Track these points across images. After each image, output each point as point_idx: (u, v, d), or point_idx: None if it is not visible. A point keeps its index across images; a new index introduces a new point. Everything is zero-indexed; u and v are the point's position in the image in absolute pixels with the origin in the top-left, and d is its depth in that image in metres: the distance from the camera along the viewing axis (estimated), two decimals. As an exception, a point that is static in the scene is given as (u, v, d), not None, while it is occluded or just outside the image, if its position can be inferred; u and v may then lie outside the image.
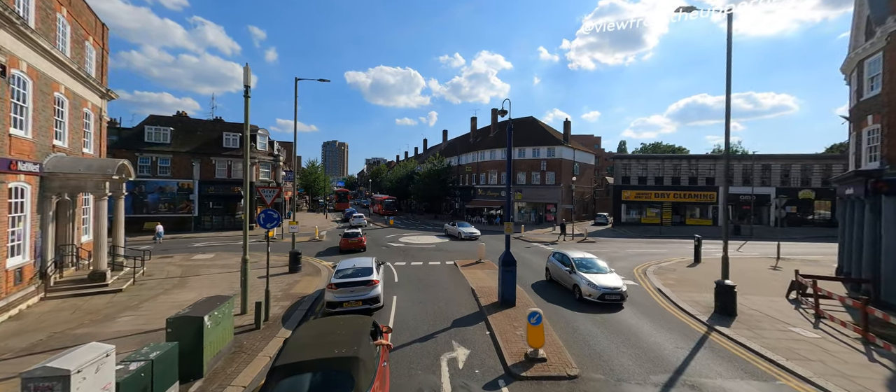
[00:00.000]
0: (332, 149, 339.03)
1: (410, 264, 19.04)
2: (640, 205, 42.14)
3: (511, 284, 11.42)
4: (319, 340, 5.34)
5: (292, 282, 15.17)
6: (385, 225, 41.89)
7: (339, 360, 4.82)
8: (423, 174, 53.10)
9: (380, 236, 31.03)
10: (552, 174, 44.70)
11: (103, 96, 17.45)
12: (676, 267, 19.00)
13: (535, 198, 45.37)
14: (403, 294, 13.42)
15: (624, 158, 43.19)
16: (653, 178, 41.89)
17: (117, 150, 32.04)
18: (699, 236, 20.86)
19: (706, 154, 45.82)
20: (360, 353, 4.94)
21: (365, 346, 5.21)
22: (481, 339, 9.28)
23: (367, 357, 5.06)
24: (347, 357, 4.85)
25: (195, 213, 33.94)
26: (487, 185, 49.49)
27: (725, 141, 11.75)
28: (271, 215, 10.46)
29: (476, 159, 52.24)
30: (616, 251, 24.52)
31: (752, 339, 9.37)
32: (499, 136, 51.82)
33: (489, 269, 17.66)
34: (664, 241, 30.84)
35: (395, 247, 25.33)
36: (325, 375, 4.77)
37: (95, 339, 6.44)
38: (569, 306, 12.02)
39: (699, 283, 15.38)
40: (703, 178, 41.02)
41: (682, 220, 41.36)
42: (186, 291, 13.49)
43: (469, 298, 12.92)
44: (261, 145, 37.76)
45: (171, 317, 7.20)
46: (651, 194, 41.61)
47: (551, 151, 44.91)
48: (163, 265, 18.29)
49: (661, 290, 14.45)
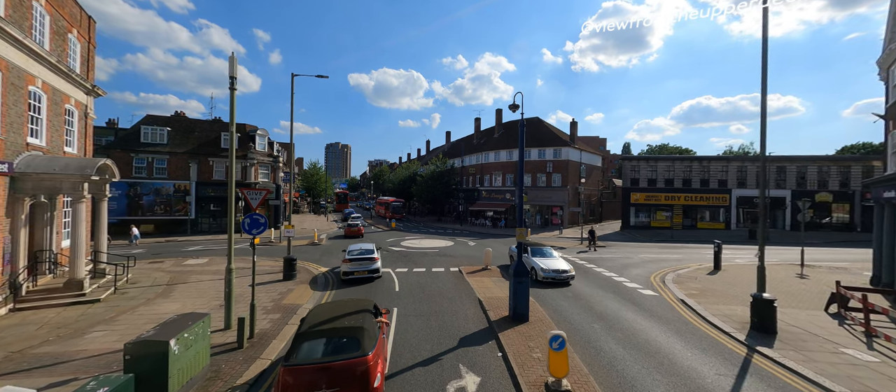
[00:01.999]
0: (335, 150, 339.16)
1: (412, 271, 17.93)
2: (649, 208, 40.84)
3: (524, 298, 10.28)
4: (332, 316, 6.77)
5: (285, 290, 14.10)
6: (386, 227, 40.83)
7: (348, 330, 6.27)
8: (425, 176, 52.02)
9: (381, 240, 29.96)
10: (558, 176, 43.50)
11: (89, 93, 16.51)
12: (696, 275, 17.78)
13: (540, 200, 44.17)
14: (405, 305, 12.32)
15: (632, 160, 41.93)
16: (662, 180, 40.60)
17: (113, 151, 31.24)
18: (719, 242, 19.63)
19: (718, 155, 44.51)
20: (364, 325, 6.39)
21: (368, 321, 6.63)
22: (493, 363, 8.15)
23: (370, 328, 6.46)
24: (354, 327, 6.31)
25: (192, 216, 33.02)
26: (492, 187, 48.34)
27: (761, 140, 10.57)
28: (257, 221, 9.39)
29: (480, 161, 51.13)
30: (629, 257, 23.31)
31: (802, 363, 8.20)
32: (503, 137, 50.69)
33: (496, 277, 16.53)
34: (677, 245, 29.57)
35: (396, 251, 24.24)
36: (337, 341, 6.15)
37: (57, 358, 5.43)
38: (578, 320, 10.85)
39: (726, 294, 14.18)
40: (714, 180, 39.69)
41: (693, 223, 40.01)
42: (169, 302, 12.45)
43: (476, 311, 11.79)
44: (260, 146, 36.84)
45: (131, 341, 6.14)
46: (661, 197, 40.31)
47: (557, 153, 43.73)
48: (151, 271, 17.29)
49: (686, 301, 13.27)
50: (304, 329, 6.34)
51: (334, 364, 5.69)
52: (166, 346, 6.02)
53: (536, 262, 16.03)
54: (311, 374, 5.56)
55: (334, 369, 5.62)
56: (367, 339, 6.14)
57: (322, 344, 6.11)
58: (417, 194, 53.64)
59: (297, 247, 26.14)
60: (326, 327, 6.32)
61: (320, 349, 6.04)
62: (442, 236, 33.19)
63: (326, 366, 5.66)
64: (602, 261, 21.62)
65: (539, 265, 15.70)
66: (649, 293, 14.39)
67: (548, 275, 15.32)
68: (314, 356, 5.92)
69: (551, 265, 15.68)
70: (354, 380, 5.62)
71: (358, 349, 5.92)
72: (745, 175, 39.18)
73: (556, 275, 15.28)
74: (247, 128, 37.20)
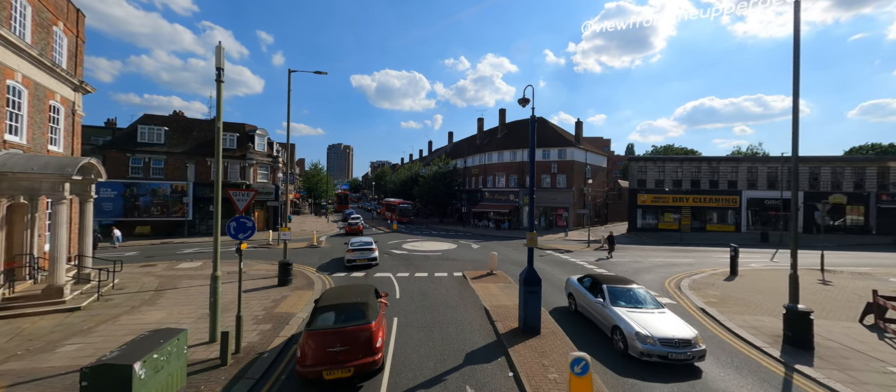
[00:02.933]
0: (337, 151, 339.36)
1: (414, 276, 17.10)
2: (656, 209, 39.86)
3: (535, 308, 9.43)
4: (342, 295, 8.42)
5: (279, 298, 13.30)
6: (387, 229, 40.02)
7: (356, 304, 7.78)
8: (428, 176, 51.25)
9: (382, 242, 29.15)
10: (563, 177, 42.59)
11: (77, 89, 15.80)
12: (713, 281, 16.87)
13: (544, 202, 43.26)
14: (406, 314, 11.49)
15: (640, 161, 40.98)
16: (670, 182, 39.63)
17: (108, 151, 30.61)
18: (736, 246, 18.70)
19: (728, 156, 43.51)
20: (368, 301, 7.93)
21: (371, 299, 8.17)
22: (504, 385, 7.30)
23: (373, 304, 7.95)
24: (361, 302, 7.86)
25: (190, 217, 32.33)
26: (495, 188, 47.46)
27: (794, 138, 9.68)
28: (244, 224, 8.60)
29: (483, 161, 50.28)
30: (638, 260, 22.40)
31: (851, 385, 7.31)
32: (507, 137, 49.84)
33: (503, 282, 15.67)
34: (688, 249, 28.61)
35: (398, 255, 23.42)
36: (347, 312, 7.59)
37: (19, 377, 4.64)
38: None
39: (748, 303, 13.28)
40: (724, 181, 38.68)
41: (702, 225, 39.00)
42: (155, 310, 11.67)
43: (483, 322, 10.95)
44: (259, 146, 36.14)
45: (89, 365, 5.34)
46: (669, 198, 39.33)
47: (562, 153, 42.83)
48: (140, 276, 16.53)
49: (706, 309, 12.39)
50: (321, 304, 7.95)
51: (345, 329, 7.20)
52: (129, 371, 5.22)
53: (624, 316, 8.90)
54: (328, 336, 7.03)
55: (345, 333, 7.11)
56: (371, 311, 7.69)
57: (335, 314, 7.59)
58: (419, 195, 52.86)
59: (295, 249, 25.37)
60: (338, 302, 7.92)
61: (333, 318, 7.52)
62: (445, 238, 32.35)
63: (339, 330, 7.16)
64: (612, 265, 20.73)
65: (632, 326, 8.48)
66: (666, 301, 13.50)
67: (653, 348, 7.94)
68: (329, 324, 7.40)
69: (660, 328, 8.30)
70: (361, 342, 7.04)
71: (364, 319, 7.45)
72: (756, 176, 38.16)
73: (673, 350, 7.85)
74: (246, 128, 36.52)
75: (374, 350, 7.00)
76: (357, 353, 6.89)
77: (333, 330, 7.15)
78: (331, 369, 6.66)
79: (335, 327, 7.24)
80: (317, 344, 6.88)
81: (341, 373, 6.69)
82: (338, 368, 6.68)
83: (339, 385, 7.02)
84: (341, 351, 6.83)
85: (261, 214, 36.28)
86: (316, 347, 6.83)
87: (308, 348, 6.83)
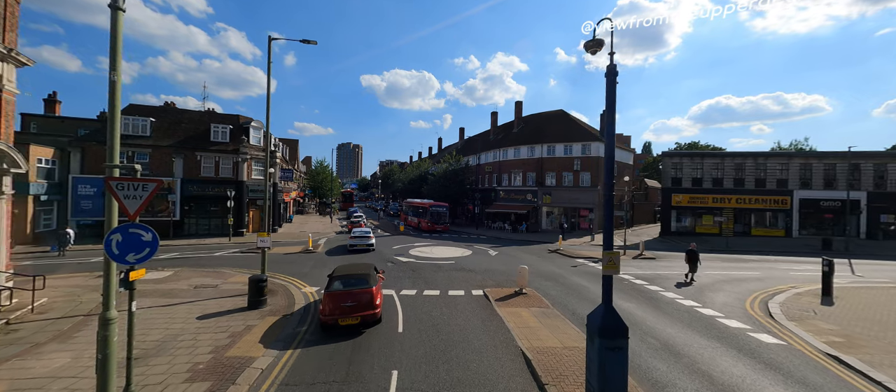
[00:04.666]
0: (347, 151, 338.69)
1: (422, 294, 13.59)
2: (694, 211, 35.66)
3: (620, 376, 5.79)
4: (350, 268, 11.41)
5: (241, 329, 9.90)
6: (394, 231, 36.63)
7: (361, 274, 10.73)
8: (438, 174, 47.78)
9: (386, 246, 25.74)
10: (587, 175, 38.64)
11: (4, 58, 12.67)
12: (806, 304, 13.00)
13: (566, 201, 39.40)
14: (409, 368, 7.94)
15: (675, 157, 36.82)
16: (710, 180, 35.38)
17: (86, 144, 27.84)
18: (829, 259, 14.69)
19: (777, 151, 39.07)
20: (369, 273, 10.92)
21: (372, 272, 11.15)
22: None
23: (373, 275, 10.88)
24: (364, 273, 10.84)
25: (177, 217, 29.43)
26: (511, 186, 43.74)
27: None
28: (138, 238, 5.23)
29: (497, 158, 46.58)
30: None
31: None
32: (524, 132, 46.02)
33: (538, 306, 12.06)
34: (742, 258, 24.56)
35: (404, 263, 19.97)
36: (354, 280, 10.42)
37: None
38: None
39: (892, 344, 9.43)
40: (772, 179, 34.27)
41: (747, 229, 34.67)
42: (60, 352, 8.36)
43: (526, 384, 7.35)
44: (254, 139, 33.08)
45: None
46: (708, 198, 35.10)
47: (586, 148, 38.89)
48: (84, 292, 13.35)
49: (838, 357, 8.62)
50: (335, 275, 10.79)
51: (354, 291, 9.94)
52: None
53: None
54: (342, 295, 9.79)
55: (353, 293, 9.86)
56: (372, 280, 10.51)
57: (346, 280, 10.38)
58: (429, 194, 49.44)
59: (287, 255, 22.15)
60: (348, 273, 10.85)
61: (345, 283, 10.26)
62: (457, 242, 28.79)
63: (349, 292, 9.89)
64: (661, 279, 16.91)
65: None
66: (770, 340, 9.77)
67: None
68: (342, 287, 10.10)
69: None
70: (365, 300, 9.77)
71: (367, 284, 10.21)
72: (810, 174, 33.68)
73: None
74: (240, 119, 33.51)
75: (374, 306, 9.73)
76: (362, 308, 9.55)
77: (345, 291, 9.80)
78: (344, 317, 9.40)
79: (346, 290, 9.87)
80: (333, 301, 9.55)
81: (351, 320, 9.41)
82: (349, 317, 9.41)
83: (350, 329, 9.50)
84: (351, 306, 9.52)
85: (256, 214, 33.26)
86: (333, 304, 9.52)
87: (327, 304, 9.52)
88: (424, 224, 36.42)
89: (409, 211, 43.88)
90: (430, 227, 35.58)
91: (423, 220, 37.06)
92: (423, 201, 40.88)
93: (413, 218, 41.11)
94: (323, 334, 9.59)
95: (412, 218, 41.50)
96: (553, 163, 40.25)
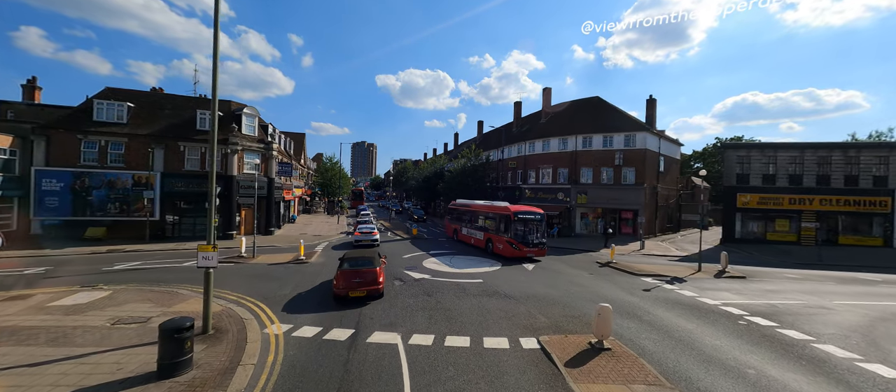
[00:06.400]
0: (361, 149, 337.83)
1: (442, 346, 8.71)
2: (765, 214, 29.69)
3: None
4: (358, 254, 13.72)
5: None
6: (406, 234, 31.93)
7: (366, 257, 13.15)
8: (455, 170, 42.89)
9: (394, 255, 21.00)
10: (631, 171, 33.04)
11: None
12: None
13: (604, 201, 33.92)
14: None
15: (741, 149, 30.88)
16: (785, 176, 29.35)
17: (53, 130, 24.12)
18: None
19: (873, 141, 32.53)
20: (374, 257, 13.35)
21: (376, 256, 13.60)
22: None
23: (376, 259, 13.19)
24: (369, 256, 13.27)
25: (156, 216, 25.47)
26: (539, 184, 38.47)
27: None
28: None
29: (522, 152, 41.37)
30: (813, 302, 12.94)
31: None
32: (554, 122, 40.62)
33: (645, 383, 7.00)
34: (848, 276, 18.79)
35: (415, 280, 15.19)
36: (361, 262, 12.73)
37: None
38: None
39: None
40: (867, 176, 28.01)
41: (832, 236, 28.49)
42: None
43: None
44: (247, 128, 28.94)
45: None
46: (783, 199, 29.07)
47: (630, 140, 33.28)
48: (-57, 330, 9.01)
49: None
50: (346, 257, 13.11)
51: (361, 270, 12.19)
52: None
53: None
54: (352, 273, 12.05)
55: (361, 272, 12.12)
56: (376, 262, 12.82)
57: (353, 262, 12.67)
58: (445, 192, 44.63)
59: (273, 267, 17.73)
60: (357, 256, 13.28)
61: (354, 264, 12.57)
62: (480, 252, 23.82)
63: (357, 271, 12.14)
64: (785, 315, 11.53)
65: None
66: None
67: None
68: (351, 267, 12.34)
69: None
70: (370, 277, 12.03)
71: (372, 265, 12.48)
72: (918, 170, 27.26)
73: None
74: (231, 105, 29.40)
75: (378, 282, 12.11)
76: (368, 284, 11.95)
77: (354, 270, 12.21)
78: (354, 290, 11.81)
79: (355, 269, 12.28)
80: (345, 277, 11.96)
81: (359, 293, 11.85)
82: (357, 290, 11.83)
83: (358, 299, 11.95)
84: (359, 281, 11.92)
85: (248, 214, 29.11)
86: (344, 280, 11.91)
87: (340, 280, 11.96)
88: (502, 244, 21.32)
89: (462, 218, 27.65)
90: (515, 252, 20.52)
91: (498, 236, 21.86)
92: (495, 204, 24.70)
93: (471, 231, 25.52)
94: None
95: (469, 231, 25.83)
96: (589, 157, 34.80)
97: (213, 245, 9.35)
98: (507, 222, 21.29)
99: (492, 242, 22.52)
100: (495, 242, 22.09)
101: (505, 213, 21.89)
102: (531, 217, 21.33)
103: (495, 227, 22.62)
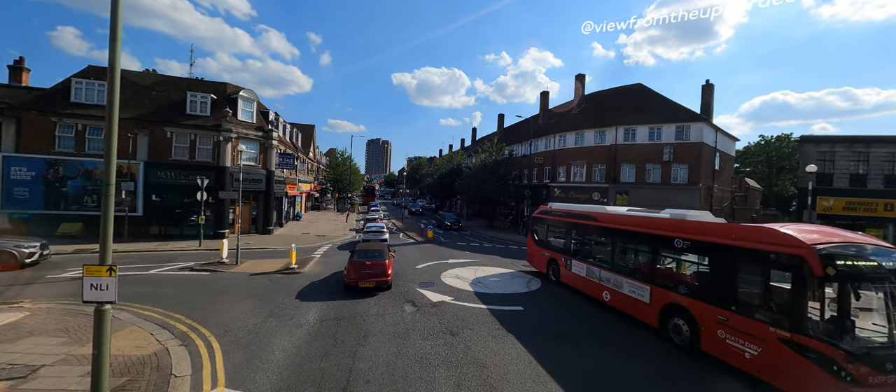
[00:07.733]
0: (376, 147, 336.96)
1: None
2: (853, 221, 24.54)
3: None
4: (368, 245, 14.51)
5: None
6: (420, 237, 28.17)
7: (376, 250, 13.82)
8: (475, 167, 38.85)
9: (406, 264, 17.22)
10: (682, 168, 28.37)
11: None
12: None
13: (649, 203, 29.16)
14: None
15: (822, 143, 25.77)
16: (880, 177, 24.17)
17: (24, 113, 21.33)
18: None
19: None
20: (383, 249, 14.04)
21: (385, 249, 14.23)
22: None
23: (386, 252, 13.80)
24: (379, 249, 14.01)
25: (139, 212, 22.46)
26: (570, 182, 34.09)
27: None
28: None
29: (549, 146, 37.02)
30: None
31: None
32: (589, 113, 36.08)
33: None
34: None
35: (431, 305, 11.34)
36: (372, 254, 13.37)
37: None
38: None
39: None
40: None
41: (940, 251, 23.15)
42: None
43: None
44: (244, 114, 25.67)
45: None
46: (877, 204, 23.93)
47: (682, 132, 28.58)
48: None
49: None
50: (357, 249, 13.83)
51: (371, 261, 12.82)
52: None
53: None
54: (362, 264, 12.67)
55: (371, 264, 12.70)
56: (385, 255, 13.43)
57: (365, 253, 13.36)
58: (463, 190, 40.68)
59: (255, 277, 14.24)
60: (367, 249, 13.90)
61: (364, 256, 13.18)
62: (506, 257, 19.76)
63: (367, 262, 12.74)
64: None
65: None
66: None
67: None
68: (362, 259, 12.97)
69: None
70: (379, 269, 12.58)
71: (382, 257, 13.15)
72: None
73: None
74: (227, 88, 26.19)
75: (386, 274, 12.56)
76: (377, 275, 12.44)
77: (365, 262, 12.78)
78: (364, 281, 12.33)
79: (365, 260, 12.85)
80: (356, 268, 12.51)
81: (368, 283, 12.36)
82: (367, 281, 12.35)
83: (368, 290, 12.38)
84: (369, 272, 12.43)
85: (246, 209, 25.89)
86: (355, 271, 12.45)
87: (351, 271, 12.48)
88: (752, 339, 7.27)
89: (583, 242, 13.38)
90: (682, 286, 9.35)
91: (731, 313, 7.67)
92: (631, 217, 11.63)
93: (617, 278, 10.93)
94: None
95: (612, 277, 11.14)
96: (631, 151, 30.25)
97: (110, 269, 5.74)
98: (808, 279, 6.42)
99: (700, 324, 8.20)
100: (714, 327, 7.89)
101: (784, 248, 6.83)
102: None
103: (722, 282, 8.11)
